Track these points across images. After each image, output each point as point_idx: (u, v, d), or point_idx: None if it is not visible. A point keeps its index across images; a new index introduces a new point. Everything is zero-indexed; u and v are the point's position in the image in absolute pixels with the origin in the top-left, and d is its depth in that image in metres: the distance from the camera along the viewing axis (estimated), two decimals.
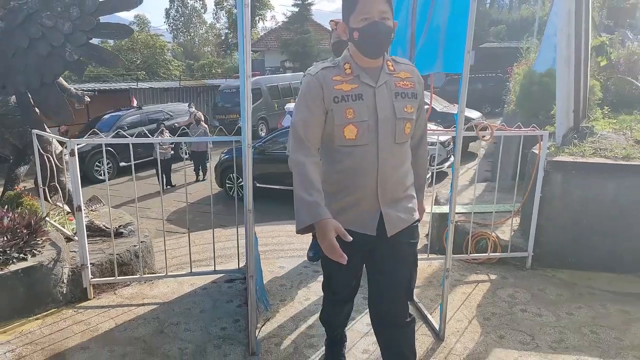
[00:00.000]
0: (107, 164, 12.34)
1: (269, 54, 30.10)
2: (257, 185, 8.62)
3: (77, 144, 3.06)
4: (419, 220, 2.03)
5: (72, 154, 3.02)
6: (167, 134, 11.13)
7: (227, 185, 9.64)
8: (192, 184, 10.65)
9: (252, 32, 36.29)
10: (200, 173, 11.23)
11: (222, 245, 4.50)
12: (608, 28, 18.99)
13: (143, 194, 8.93)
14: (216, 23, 49.73)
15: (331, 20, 3.27)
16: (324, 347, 2.59)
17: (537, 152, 3.64)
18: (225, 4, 40.43)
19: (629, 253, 3.53)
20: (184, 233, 6.92)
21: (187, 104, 17.02)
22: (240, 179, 9.72)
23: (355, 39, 1.79)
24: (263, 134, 16.35)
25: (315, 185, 1.73)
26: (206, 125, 12.09)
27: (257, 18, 35.90)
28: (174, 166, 11.04)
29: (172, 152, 10.96)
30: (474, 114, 11.81)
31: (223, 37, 41.70)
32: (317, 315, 3.02)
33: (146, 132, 11.02)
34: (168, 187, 10.36)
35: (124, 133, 4.00)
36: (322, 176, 1.86)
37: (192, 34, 47.07)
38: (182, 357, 2.59)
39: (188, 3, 45.80)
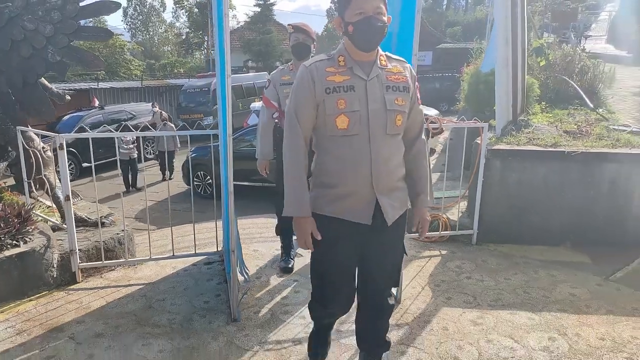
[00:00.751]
0: (70, 164, 12.25)
1: (231, 54, 30.12)
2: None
3: (65, 139, 3.32)
4: (407, 210, 2.12)
5: (60, 147, 3.28)
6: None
7: (195, 183, 9.84)
8: (157, 184, 10.74)
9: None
10: (167, 172, 11.32)
11: (197, 237, 4.78)
12: (556, 29, 20.29)
13: (108, 195, 8.99)
14: (176, 22, 49.06)
15: (289, 24, 3.61)
16: (297, 313, 2.98)
17: (479, 142, 4.15)
18: (185, 2, 39.98)
19: (557, 228, 4.09)
20: (153, 230, 7.13)
21: (149, 103, 16.99)
22: (209, 177, 9.98)
23: (350, 33, 1.86)
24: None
25: (303, 177, 1.90)
26: (173, 125, 12.17)
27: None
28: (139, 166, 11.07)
29: (137, 151, 10.97)
30: (431, 112, 12.48)
31: (184, 37, 41.27)
32: (290, 288, 3.40)
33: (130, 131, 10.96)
34: (133, 188, 10.39)
35: (109, 128, 4.24)
36: (316, 166, 1.98)
37: (151, 33, 46.29)
38: (171, 326, 2.91)
39: (146, 1, 45.06)
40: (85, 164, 12.01)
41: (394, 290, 3.22)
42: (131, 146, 10.26)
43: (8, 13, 3.83)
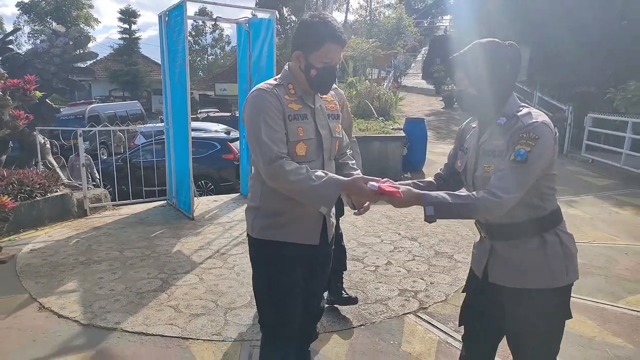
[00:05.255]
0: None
1: (96, 83, 30.74)
2: (124, 189, 11.03)
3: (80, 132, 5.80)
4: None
5: (80, 135, 5.76)
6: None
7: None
8: None
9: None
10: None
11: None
12: (382, 67, 25.64)
13: None
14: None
15: None
16: (227, 214, 5.91)
17: None
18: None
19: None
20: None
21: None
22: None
23: (310, 75, 1.86)
24: (105, 157, 18.14)
25: (312, 173, 1.75)
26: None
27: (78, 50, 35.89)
28: None
29: None
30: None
31: None
32: (217, 209, 6.28)
33: None
34: None
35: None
36: (266, 195, 1.92)
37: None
38: (160, 222, 5.60)
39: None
40: None
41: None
42: None
43: (23, 58, 6.17)
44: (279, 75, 1.97)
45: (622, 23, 12.38)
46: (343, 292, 3.33)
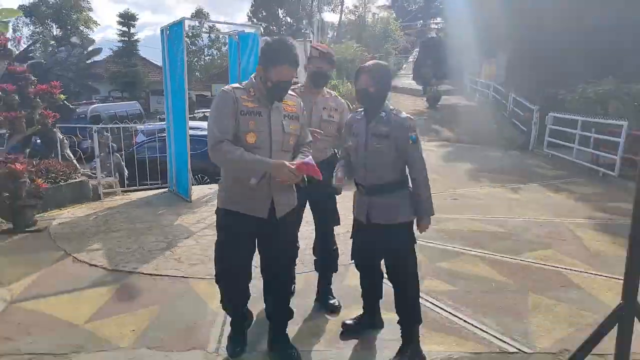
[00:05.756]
0: None
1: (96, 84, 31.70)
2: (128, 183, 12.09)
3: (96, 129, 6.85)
4: (297, 207, 2.70)
5: (96, 131, 6.80)
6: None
7: None
8: None
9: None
10: None
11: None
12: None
13: None
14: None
15: (313, 46, 3.24)
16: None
17: None
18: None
19: None
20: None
21: None
22: None
23: (268, 87, 2.44)
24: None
25: (244, 153, 2.34)
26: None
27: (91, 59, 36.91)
28: None
29: None
30: None
31: None
32: (213, 195, 7.33)
33: None
34: None
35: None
36: (227, 172, 2.53)
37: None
38: (164, 204, 6.63)
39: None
40: None
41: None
42: None
43: (45, 65, 7.21)
44: (245, 82, 2.57)
45: (596, 29, 13.16)
46: (330, 296, 3.53)
